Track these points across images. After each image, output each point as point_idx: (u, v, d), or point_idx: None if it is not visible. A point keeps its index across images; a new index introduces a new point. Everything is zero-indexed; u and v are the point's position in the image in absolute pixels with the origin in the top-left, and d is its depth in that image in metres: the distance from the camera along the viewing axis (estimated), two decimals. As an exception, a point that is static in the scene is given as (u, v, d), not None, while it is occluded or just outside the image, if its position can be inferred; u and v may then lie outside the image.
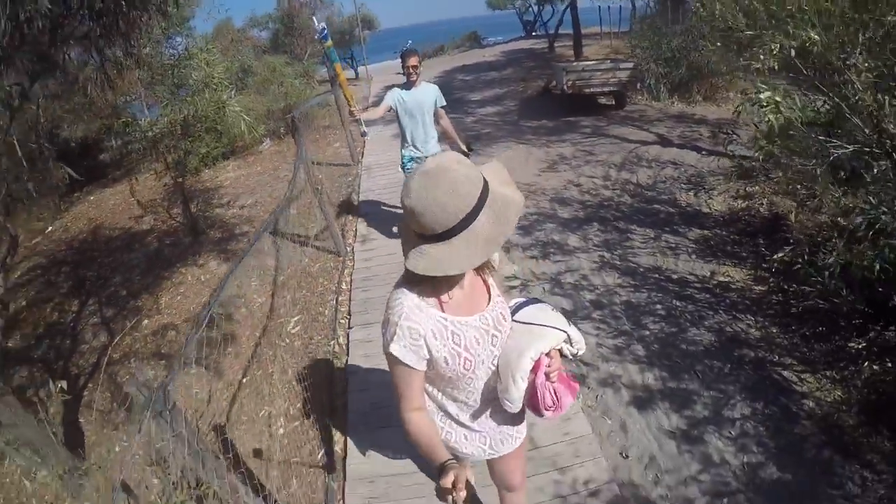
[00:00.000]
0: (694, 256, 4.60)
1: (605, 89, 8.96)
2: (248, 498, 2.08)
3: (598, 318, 3.95)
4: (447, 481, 1.12)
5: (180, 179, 6.46)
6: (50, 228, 8.94)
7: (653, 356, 3.57)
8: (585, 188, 6.12)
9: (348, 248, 5.40)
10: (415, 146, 4.61)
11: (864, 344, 3.34)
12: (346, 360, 3.73)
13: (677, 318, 3.88)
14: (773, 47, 2.79)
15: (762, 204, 5.09)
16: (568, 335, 1.57)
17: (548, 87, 10.41)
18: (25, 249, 7.58)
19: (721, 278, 4.29)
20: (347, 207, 6.67)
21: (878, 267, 2.94)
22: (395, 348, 1.31)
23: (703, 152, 6.67)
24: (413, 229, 1.25)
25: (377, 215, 6.07)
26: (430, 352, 1.35)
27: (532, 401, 1.52)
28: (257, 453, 3.33)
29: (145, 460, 2.41)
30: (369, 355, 3.69)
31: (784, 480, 2.69)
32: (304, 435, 3.36)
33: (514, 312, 1.60)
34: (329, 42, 4.24)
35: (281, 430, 3.44)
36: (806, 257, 3.66)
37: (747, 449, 2.87)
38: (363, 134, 4.61)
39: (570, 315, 3.91)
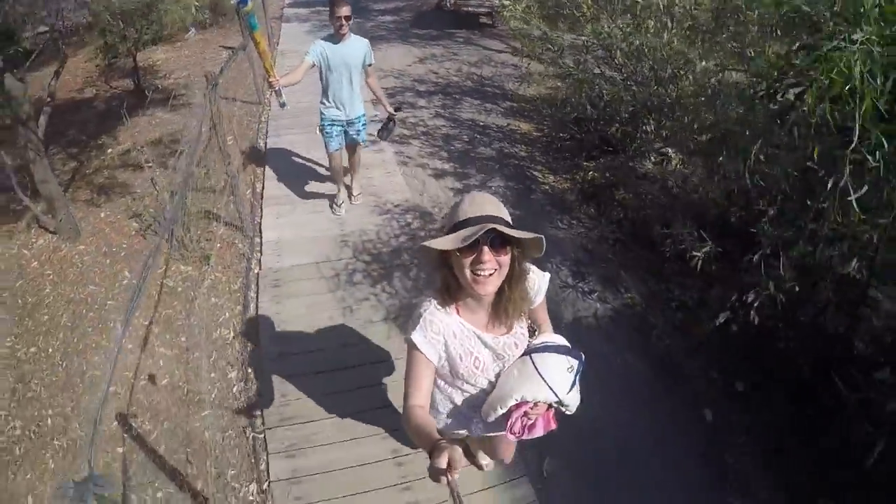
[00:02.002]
0: (500, 116, 7.18)
1: (481, 9, 11.20)
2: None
3: (423, 139, 6.49)
4: (441, 461, 1.12)
5: (135, 50, 8.13)
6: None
7: (452, 158, 6.11)
8: (441, 75, 8.55)
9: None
10: (337, 106, 4.28)
11: (593, 164, 5.94)
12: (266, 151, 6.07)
13: (474, 143, 6.44)
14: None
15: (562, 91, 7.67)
16: (560, 401, 1.61)
17: (440, 3, 12.51)
18: None
19: (513, 127, 6.89)
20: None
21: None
22: (416, 336, 1.49)
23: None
24: (447, 225, 1.45)
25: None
26: (448, 349, 1.56)
27: (504, 423, 1.68)
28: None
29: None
30: (278, 144, 6.10)
31: (516, 214, 5.23)
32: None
33: (536, 349, 1.65)
34: (249, 6, 3.70)
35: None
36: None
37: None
38: (282, 105, 4.17)
39: (407, 137, 6.38)
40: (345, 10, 3.90)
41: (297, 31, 11.37)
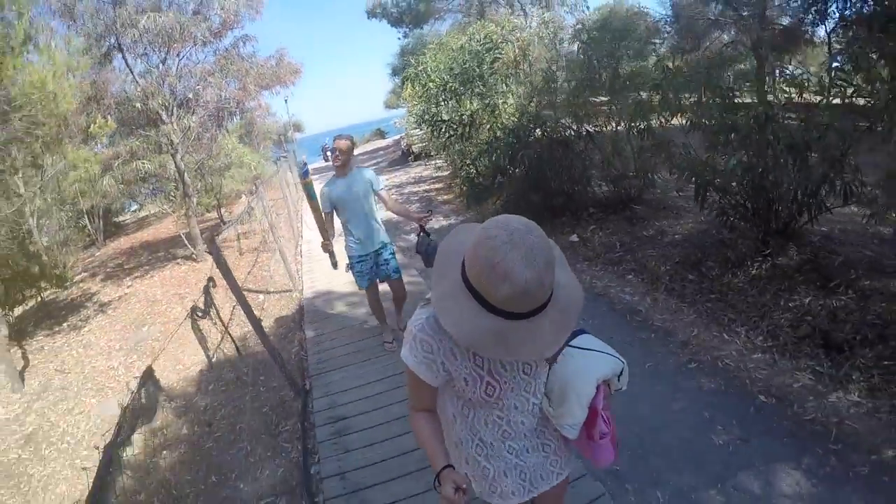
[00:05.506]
0: (426, 186, 12.52)
1: (422, 149, 17.20)
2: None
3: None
4: (448, 490, 1.18)
5: (217, 203, 13.84)
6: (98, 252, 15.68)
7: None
8: (397, 181, 14.19)
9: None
10: (359, 241, 4.01)
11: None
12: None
13: (409, 197, 11.62)
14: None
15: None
16: (623, 365, 1.49)
17: (403, 152, 18.75)
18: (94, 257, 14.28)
19: (432, 187, 12.16)
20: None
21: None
22: (405, 355, 1.34)
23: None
24: (475, 284, 1.11)
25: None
26: (448, 372, 1.34)
27: (587, 427, 1.47)
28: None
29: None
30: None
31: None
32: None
33: (568, 339, 1.48)
34: (308, 179, 3.98)
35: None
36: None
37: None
38: (334, 265, 4.31)
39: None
40: (336, 143, 3.89)
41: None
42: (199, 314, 6.77)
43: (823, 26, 13.99)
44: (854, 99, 3.72)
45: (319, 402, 3.92)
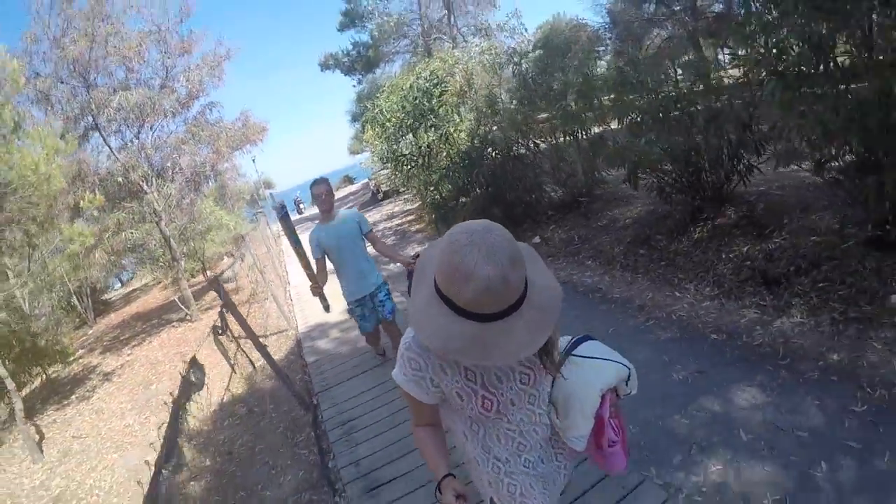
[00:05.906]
0: (398, 220, 13.06)
1: (390, 187, 17.76)
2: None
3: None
4: (449, 498, 1.21)
5: (206, 270, 14.18)
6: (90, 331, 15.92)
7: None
8: (372, 220, 14.68)
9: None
10: (351, 284, 3.98)
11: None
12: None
13: (384, 231, 12.11)
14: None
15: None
16: (630, 371, 1.48)
17: (372, 194, 19.39)
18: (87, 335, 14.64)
19: (404, 220, 12.69)
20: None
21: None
22: (396, 374, 1.33)
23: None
24: (443, 291, 1.09)
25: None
26: (438, 386, 1.32)
27: (595, 437, 1.46)
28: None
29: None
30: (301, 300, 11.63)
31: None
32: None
33: (571, 348, 1.52)
34: (289, 222, 3.88)
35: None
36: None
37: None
38: (326, 309, 4.31)
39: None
40: (317, 189, 3.83)
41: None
42: (220, 331, 7.30)
43: (751, 8, 14.80)
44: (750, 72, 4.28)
45: (328, 412, 4.31)
